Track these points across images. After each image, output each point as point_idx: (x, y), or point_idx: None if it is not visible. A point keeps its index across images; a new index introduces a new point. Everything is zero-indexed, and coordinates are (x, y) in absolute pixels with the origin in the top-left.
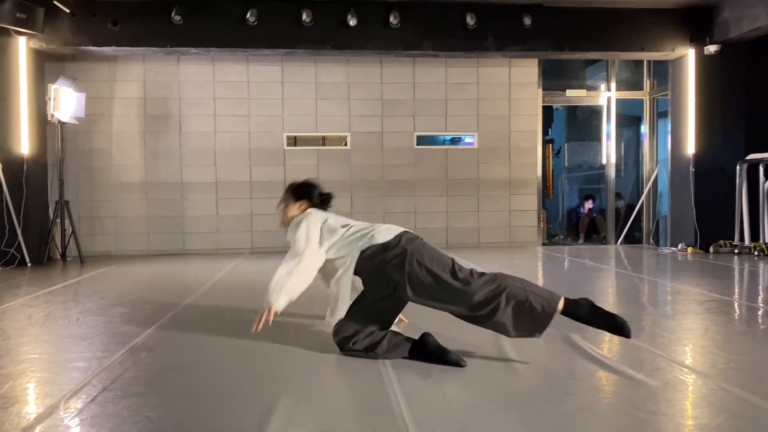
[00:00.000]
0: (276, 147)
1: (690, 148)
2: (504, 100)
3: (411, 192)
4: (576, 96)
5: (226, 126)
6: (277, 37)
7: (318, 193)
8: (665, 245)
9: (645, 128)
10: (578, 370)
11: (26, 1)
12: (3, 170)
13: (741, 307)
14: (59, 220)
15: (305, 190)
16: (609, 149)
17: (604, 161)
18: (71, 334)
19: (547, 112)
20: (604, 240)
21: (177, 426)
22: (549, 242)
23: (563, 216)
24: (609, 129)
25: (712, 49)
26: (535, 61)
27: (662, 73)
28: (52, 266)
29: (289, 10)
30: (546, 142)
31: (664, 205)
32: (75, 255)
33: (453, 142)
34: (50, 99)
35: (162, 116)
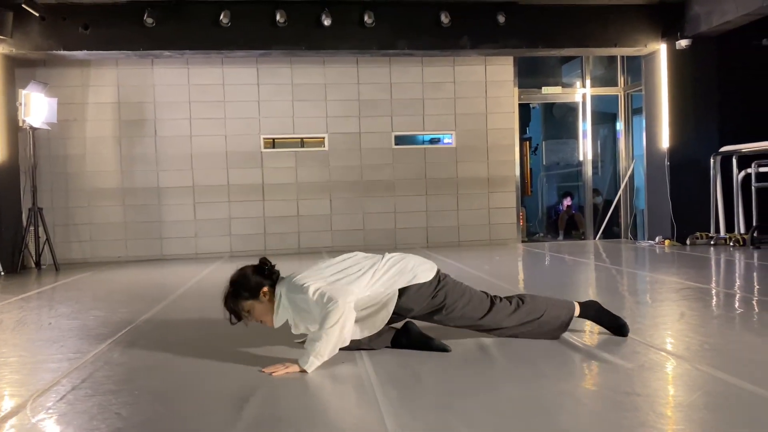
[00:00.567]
0: (253, 150)
1: (664, 142)
2: (481, 99)
3: (390, 192)
4: (552, 93)
5: (203, 129)
6: (252, 38)
7: (262, 269)
8: (643, 239)
9: (620, 125)
10: (556, 356)
11: None
12: None
13: (716, 294)
14: (33, 227)
15: (253, 279)
16: (585, 147)
17: (581, 158)
18: (43, 338)
19: (525, 110)
20: (583, 236)
21: (147, 422)
22: (528, 240)
23: (542, 214)
24: (585, 127)
25: (683, 43)
26: (511, 59)
27: (636, 69)
28: (26, 274)
29: (262, 11)
30: (524, 140)
31: (641, 199)
32: (50, 263)
33: (432, 142)
34: (21, 104)
35: (137, 121)
